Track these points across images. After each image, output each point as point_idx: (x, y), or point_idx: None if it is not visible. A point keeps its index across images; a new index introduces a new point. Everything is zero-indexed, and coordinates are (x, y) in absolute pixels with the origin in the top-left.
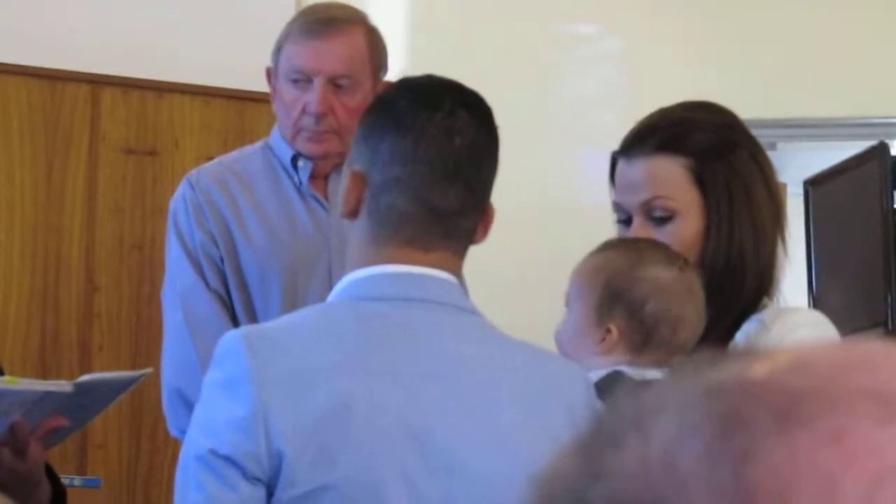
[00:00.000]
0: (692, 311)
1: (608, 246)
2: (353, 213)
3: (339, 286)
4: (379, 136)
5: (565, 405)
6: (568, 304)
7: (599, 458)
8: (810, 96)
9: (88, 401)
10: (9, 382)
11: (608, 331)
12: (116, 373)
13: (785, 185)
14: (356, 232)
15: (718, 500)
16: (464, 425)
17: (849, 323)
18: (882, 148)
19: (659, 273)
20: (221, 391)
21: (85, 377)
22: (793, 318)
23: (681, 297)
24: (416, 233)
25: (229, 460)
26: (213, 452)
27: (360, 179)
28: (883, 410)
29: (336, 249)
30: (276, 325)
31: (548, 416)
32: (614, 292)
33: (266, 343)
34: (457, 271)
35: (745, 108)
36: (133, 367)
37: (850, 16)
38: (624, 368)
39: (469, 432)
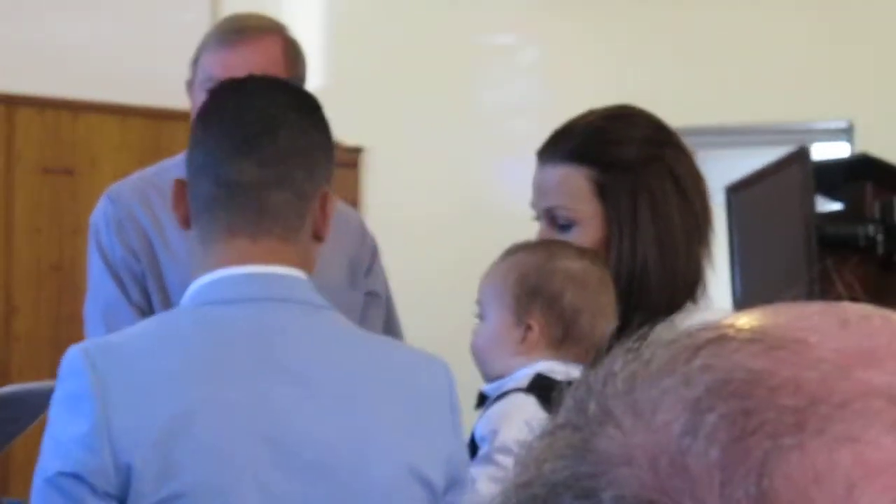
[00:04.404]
0: (607, 302)
1: (514, 249)
2: (185, 222)
3: (186, 295)
4: (191, 137)
5: (426, 397)
6: (480, 312)
7: (594, 439)
8: (729, 104)
9: (12, 416)
10: None
11: (529, 328)
12: (37, 383)
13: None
14: (191, 239)
15: None
16: (319, 423)
17: None
18: (803, 153)
19: (571, 264)
20: (65, 408)
21: (4, 389)
22: (700, 317)
23: (595, 287)
24: (232, 218)
25: (77, 477)
26: (61, 473)
27: (181, 186)
28: (894, 410)
29: None
30: (117, 338)
31: (409, 408)
32: (530, 288)
33: (106, 356)
34: (299, 263)
35: (664, 116)
36: None
37: (768, 24)
38: (545, 369)
39: (325, 430)
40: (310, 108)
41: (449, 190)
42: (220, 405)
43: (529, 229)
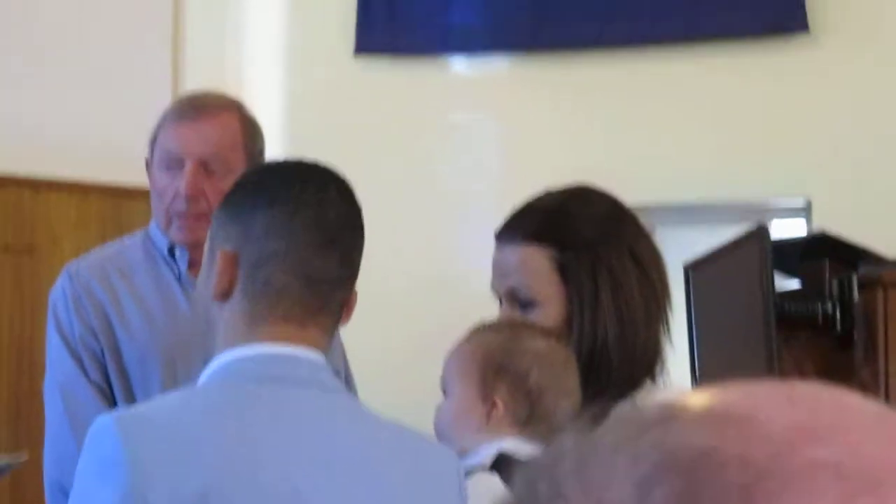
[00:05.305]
0: (572, 382)
1: (480, 329)
2: (225, 295)
3: (209, 369)
4: (250, 212)
5: (438, 482)
6: (445, 388)
7: None
8: (687, 181)
9: None
10: None
11: (494, 405)
12: None
13: None
14: (227, 313)
15: None
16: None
17: None
18: (761, 231)
19: (538, 344)
20: (95, 477)
21: None
22: (657, 394)
23: (561, 367)
24: (293, 308)
25: None
26: None
27: (232, 259)
28: (843, 486)
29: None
30: (148, 408)
31: (422, 493)
32: (496, 366)
33: (139, 425)
34: (325, 350)
35: (623, 193)
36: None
37: (725, 102)
38: (508, 447)
39: None
40: (360, 207)
41: (409, 263)
42: (252, 480)
43: (489, 302)
